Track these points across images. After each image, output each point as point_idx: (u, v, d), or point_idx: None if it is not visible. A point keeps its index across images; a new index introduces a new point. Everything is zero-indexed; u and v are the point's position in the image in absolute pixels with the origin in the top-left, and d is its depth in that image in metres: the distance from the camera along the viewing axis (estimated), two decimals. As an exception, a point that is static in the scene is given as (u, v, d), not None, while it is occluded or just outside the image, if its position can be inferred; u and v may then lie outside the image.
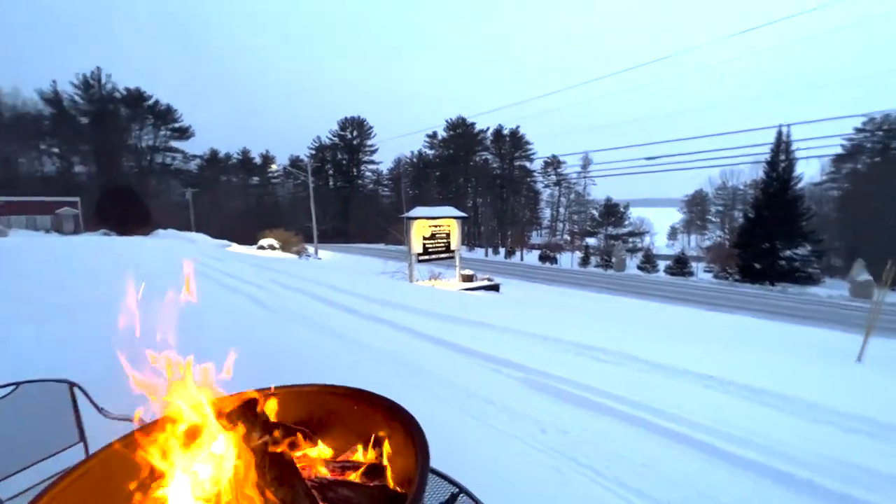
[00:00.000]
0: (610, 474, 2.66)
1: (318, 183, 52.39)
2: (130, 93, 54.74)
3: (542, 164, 67.59)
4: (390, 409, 1.26)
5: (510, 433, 3.15)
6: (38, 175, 50.30)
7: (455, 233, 18.33)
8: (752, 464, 2.79)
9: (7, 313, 6.14)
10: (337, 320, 6.63)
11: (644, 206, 71.46)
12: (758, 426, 3.23)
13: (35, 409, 2.19)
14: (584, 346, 5.18)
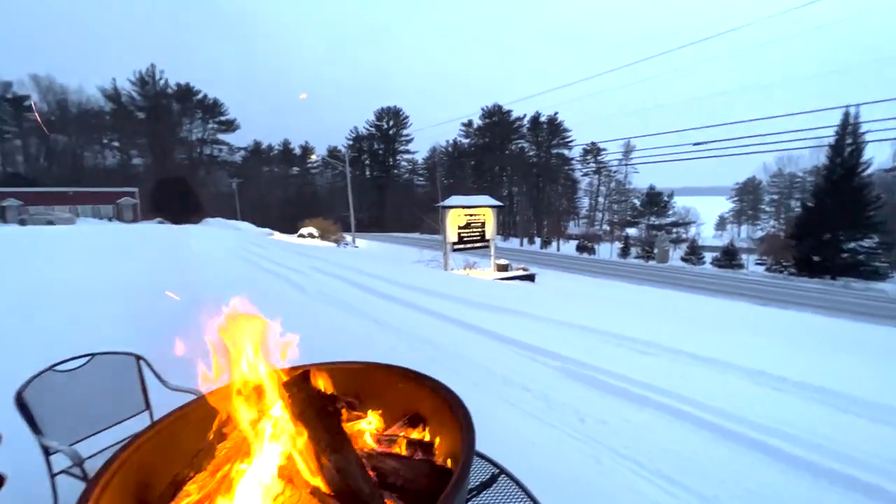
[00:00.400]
0: (652, 467, 2.59)
1: (354, 173, 53.39)
2: (181, 88, 57.63)
3: (581, 151, 65.66)
4: (434, 389, 1.28)
5: (547, 421, 3.13)
6: (101, 167, 54.18)
7: (490, 222, 18.20)
8: (808, 464, 2.63)
9: (85, 295, 6.71)
10: (374, 306, 6.78)
11: (690, 194, 68.02)
12: (816, 425, 3.04)
13: (107, 379, 2.39)
14: (625, 337, 5.03)
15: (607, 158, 64.24)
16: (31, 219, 30.62)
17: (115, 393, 2.42)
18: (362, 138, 73.20)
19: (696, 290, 19.36)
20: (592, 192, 68.74)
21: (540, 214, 63.32)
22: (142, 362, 2.51)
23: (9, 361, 3.22)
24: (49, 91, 50.63)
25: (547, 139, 64.54)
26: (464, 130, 69.89)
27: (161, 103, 55.99)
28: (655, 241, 40.53)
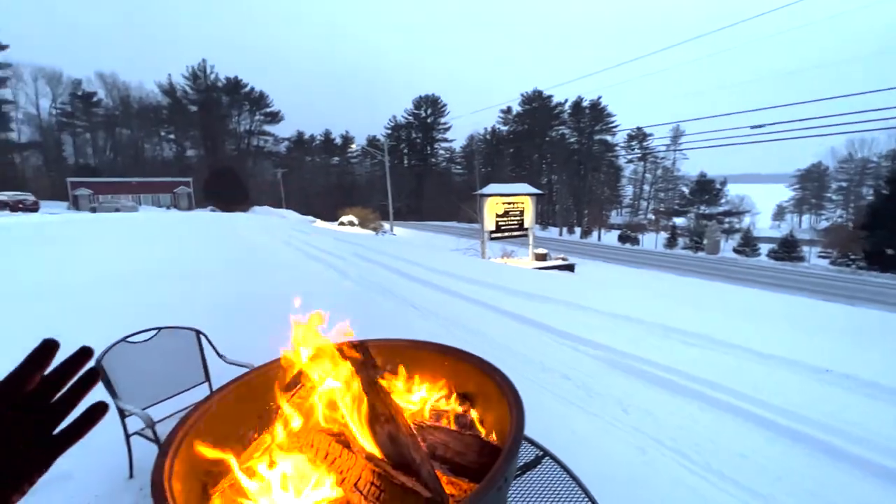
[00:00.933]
0: (700, 460, 2.50)
1: (393, 162, 54.00)
2: (230, 81, 60.11)
3: (626, 137, 62.85)
4: (481, 367, 1.28)
5: (589, 409, 3.08)
6: (160, 158, 57.84)
7: (529, 210, 17.91)
8: (878, 468, 2.44)
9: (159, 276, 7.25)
10: (412, 291, 6.88)
11: (745, 182, 63.72)
12: (887, 427, 2.80)
13: (172, 351, 2.58)
14: (671, 329, 4.84)
15: (654, 144, 61.23)
16: (100, 207, 33.29)
17: (178, 364, 2.61)
18: (400, 127, 73.67)
19: (750, 283, 18.24)
20: (637, 179, 65.90)
21: (580, 203, 61.45)
22: (201, 337, 2.69)
23: (94, 331, 3.54)
24: (113, 87, 54.40)
25: (589, 125, 62.21)
26: (502, 117, 68.72)
27: (211, 97, 58.73)
28: (705, 232, 38.43)
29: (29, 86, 48.91)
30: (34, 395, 0.42)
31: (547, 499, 1.43)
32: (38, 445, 0.41)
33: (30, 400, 0.41)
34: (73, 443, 0.44)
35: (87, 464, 2.37)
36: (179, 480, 0.89)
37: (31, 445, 0.40)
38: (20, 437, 0.40)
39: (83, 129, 53.60)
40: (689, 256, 32.53)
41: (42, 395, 0.42)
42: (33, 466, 0.40)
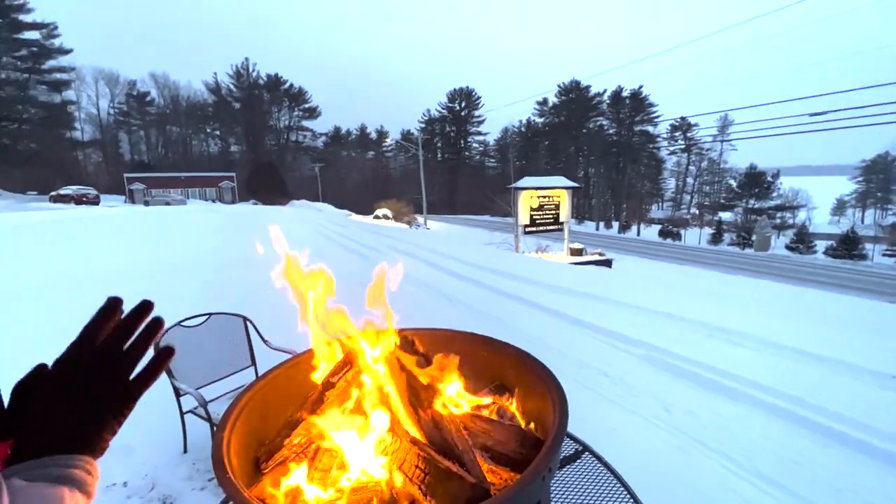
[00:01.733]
0: (747, 464, 2.39)
1: (427, 155, 54.26)
2: (270, 79, 62.15)
3: (668, 128, 60.06)
4: (521, 359, 1.28)
5: (628, 407, 3.00)
6: (206, 154, 60.78)
7: (565, 204, 17.53)
8: (952, 483, 2.25)
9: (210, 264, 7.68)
10: (445, 283, 6.91)
11: (800, 174, 59.52)
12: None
13: (221, 336, 2.72)
14: (717, 328, 4.62)
15: (699, 135, 58.22)
16: (152, 200, 35.40)
17: (227, 348, 2.75)
18: (434, 120, 73.76)
19: (804, 283, 17.11)
20: (680, 172, 63.02)
21: (619, 197, 59.46)
22: (248, 323, 2.83)
23: (163, 311, 3.79)
24: (165, 87, 57.50)
25: (629, 115, 59.84)
26: (538, 109, 67.33)
27: (253, 94, 60.96)
28: (754, 227, 36.32)
29: (90, 87, 52.50)
30: (108, 345, 0.46)
31: (587, 494, 1.41)
32: (119, 388, 0.45)
33: (104, 349, 0.46)
34: (148, 384, 0.48)
35: (147, 439, 2.55)
36: (235, 455, 0.94)
37: (111, 388, 0.45)
38: (100, 382, 0.44)
39: (137, 127, 57.09)
40: (735, 253, 30.89)
41: (115, 344, 0.46)
42: (117, 408, 0.45)
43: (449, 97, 71.71)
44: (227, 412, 1.05)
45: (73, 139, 49.10)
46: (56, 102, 42.18)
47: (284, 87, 63.22)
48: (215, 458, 0.87)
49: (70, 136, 48.03)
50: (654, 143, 60.42)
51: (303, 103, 65.02)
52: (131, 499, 2.15)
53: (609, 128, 62.24)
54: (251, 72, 60.93)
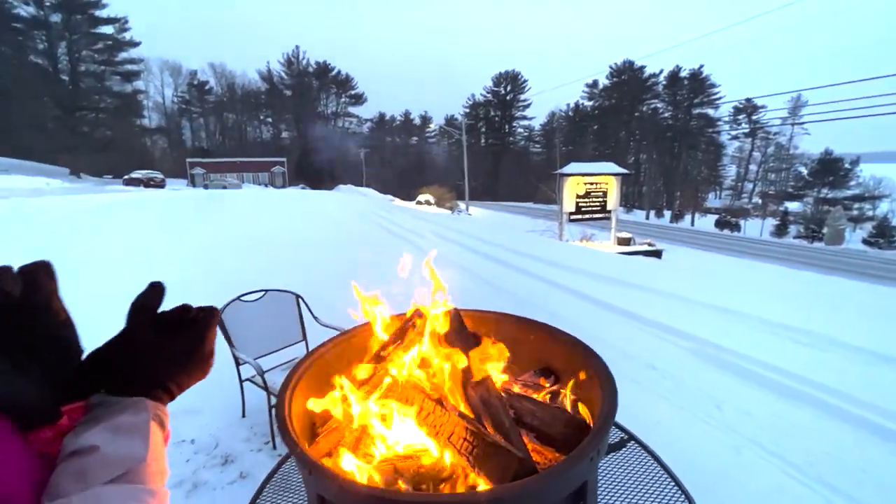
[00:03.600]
0: (809, 470, 2.24)
1: (470, 141, 53.70)
2: (319, 66, 63.67)
3: (731, 110, 55.65)
4: (570, 343, 1.26)
5: (676, 402, 2.90)
6: (259, 140, 63.65)
7: (613, 191, 16.84)
8: None
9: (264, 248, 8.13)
10: (487, 269, 6.90)
11: (885, 160, 53.42)
12: None
13: (276, 311, 2.88)
14: (778, 325, 4.32)
15: (766, 117, 53.53)
16: (211, 184, 37.66)
17: (281, 323, 2.91)
18: (479, 105, 72.76)
19: (882, 280, 15.54)
20: (742, 158, 58.59)
21: (672, 184, 56.17)
22: (300, 300, 2.97)
23: (221, 287, 4.09)
24: (222, 76, 60.50)
25: (687, 97, 55.96)
26: (587, 92, 64.59)
27: (303, 81, 62.79)
28: (827, 219, 33.24)
29: (156, 77, 56.28)
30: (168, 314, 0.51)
31: (632, 483, 1.39)
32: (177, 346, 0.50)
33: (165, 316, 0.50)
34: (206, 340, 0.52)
35: (210, 403, 2.78)
36: (295, 418, 1.01)
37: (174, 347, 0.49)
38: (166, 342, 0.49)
39: (198, 115, 60.65)
40: (802, 247, 28.52)
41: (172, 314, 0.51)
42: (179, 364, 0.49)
43: (494, 81, 70.32)
44: (288, 378, 1.12)
45: (142, 126, 52.94)
46: (128, 92, 45.49)
47: (332, 73, 64.57)
48: (279, 418, 0.93)
49: (139, 123, 51.81)
50: (714, 127, 56.25)
51: (349, 90, 66.22)
52: (198, 454, 2.36)
53: (664, 111, 58.62)
54: (301, 59, 62.68)
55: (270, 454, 2.36)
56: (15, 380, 0.41)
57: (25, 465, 0.39)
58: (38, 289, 0.44)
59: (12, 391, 0.40)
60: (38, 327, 0.44)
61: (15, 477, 0.37)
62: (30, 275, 0.43)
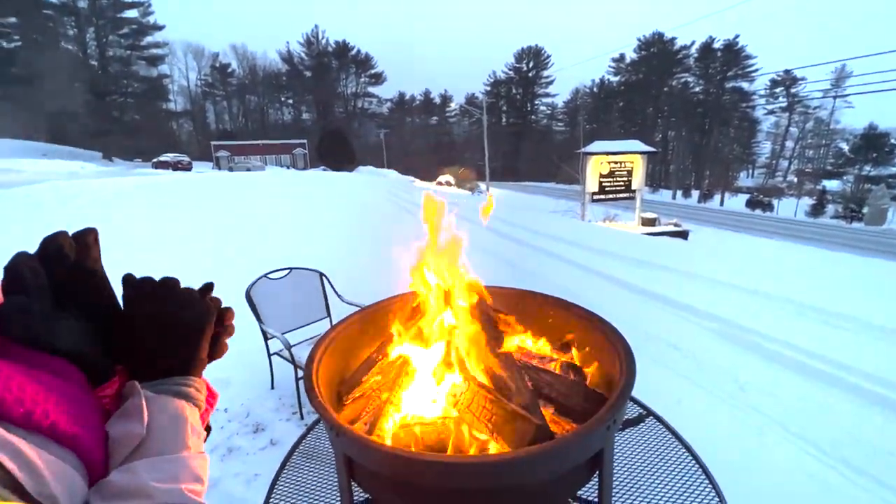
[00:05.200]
0: (834, 452, 2.21)
1: (491, 120, 52.74)
2: (339, 45, 63.18)
3: (767, 83, 52.59)
4: (588, 318, 1.27)
5: (698, 382, 2.88)
6: (280, 122, 64.20)
7: (638, 170, 16.34)
8: None
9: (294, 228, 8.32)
10: (507, 249, 6.88)
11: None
12: None
13: (301, 289, 2.97)
14: (809, 307, 4.19)
15: (805, 90, 50.44)
16: (235, 166, 38.38)
17: (305, 300, 3.01)
18: (500, 83, 71.09)
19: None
20: (778, 134, 55.73)
21: (701, 163, 53.98)
22: (324, 278, 3.05)
23: (248, 266, 4.23)
24: (244, 58, 60.81)
25: (720, 70, 53.04)
26: (613, 67, 62.10)
27: (323, 62, 62.54)
28: (868, 197, 31.49)
29: (180, 61, 57.01)
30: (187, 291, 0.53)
31: (650, 458, 1.41)
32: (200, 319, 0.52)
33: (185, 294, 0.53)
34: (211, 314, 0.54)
35: (241, 375, 2.92)
36: (322, 386, 1.06)
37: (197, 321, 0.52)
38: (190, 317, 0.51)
39: (221, 98, 61.41)
40: (839, 227, 27.22)
41: (187, 290, 0.53)
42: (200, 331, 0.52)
43: (516, 57, 68.38)
44: (314, 349, 1.17)
45: (168, 110, 54.04)
46: (154, 76, 46.39)
47: (352, 53, 64.05)
48: (307, 385, 0.98)
49: (166, 107, 52.89)
50: (749, 102, 53.40)
51: (369, 69, 65.64)
52: (231, 422, 2.50)
53: (695, 85, 55.92)
54: (320, 39, 62.30)
55: (298, 423, 2.47)
56: (83, 334, 0.44)
57: (99, 416, 0.43)
58: (88, 254, 0.47)
59: (82, 344, 0.43)
60: (92, 290, 0.47)
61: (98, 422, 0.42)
62: (81, 239, 0.46)
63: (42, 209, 8.05)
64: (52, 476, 0.33)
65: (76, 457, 0.38)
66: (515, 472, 0.77)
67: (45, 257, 0.43)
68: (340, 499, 1.04)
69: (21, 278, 0.40)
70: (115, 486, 0.39)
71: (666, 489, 1.27)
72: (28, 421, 0.34)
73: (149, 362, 0.49)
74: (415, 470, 0.77)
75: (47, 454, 0.34)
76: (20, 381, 0.35)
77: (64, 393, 0.39)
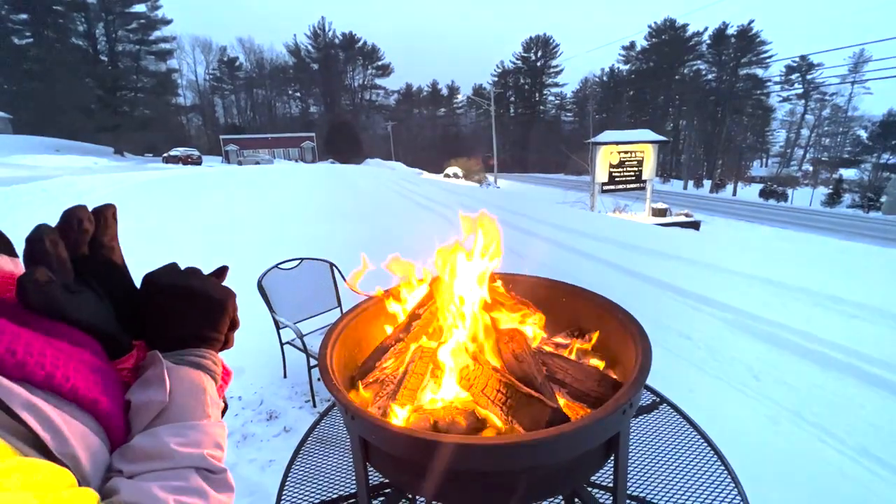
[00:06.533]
0: (851, 441, 2.19)
1: (499, 111, 52.30)
2: (345, 37, 62.89)
3: (783, 70, 51.29)
4: (604, 306, 1.26)
5: (710, 371, 2.85)
6: (288, 115, 64.30)
7: (649, 160, 16.11)
8: None
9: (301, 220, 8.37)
10: (515, 240, 6.85)
11: (959, 121, 48.18)
12: None
13: (312, 279, 2.99)
14: (825, 296, 4.12)
15: (822, 76, 49.05)
16: (244, 160, 38.61)
17: (317, 290, 3.02)
18: (508, 73, 70.32)
19: (947, 253, 14.37)
20: (793, 122, 54.48)
21: (713, 152, 52.96)
22: (334, 268, 3.07)
23: (259, 257, 4.27)
24: (251, 51, 60.86)
25: (734, 57, 51.74)
26: (623, 55, 61.03)
27: (330, 54, 62.35)
28: (887, 186, 30.75)
29: (188, 55, 57.25)
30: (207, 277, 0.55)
31: (665, 445, 1.40)
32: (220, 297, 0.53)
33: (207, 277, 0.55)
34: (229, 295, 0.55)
35: (254, 364, 2.95)
36: (337, 371, 1.07)
37: (217, 298, 0.53)
38: (210, 295, 0.52)
39: (229, 92, 61.65)
40: (856, 216, 26.63)
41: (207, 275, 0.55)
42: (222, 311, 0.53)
43: (524, 46, 67.52)
44: (327, 335, 1.18)
45: (177, 105, 54.39)
46: (163, 71, 46.59)
47: (358, 44, 63.73)
48: (322, 369, 0.99)
49: (175, 102, 53.22)
50: (763, 89, 52.12)
51: (376, 61, 65.34)
52: (245, 409, 2.54)
53: (707, 73, 54.71)
54: (327, 31, 62.07)
55: (311, 411, 2.50)
56: (102, 307, 0.45)
57: (118, 386, 0.43)
58: (107, 229, 0.47)
59: (100, 317, 0.44)
60: (110, 265, 0.48)
61: (118, 391, 0.43)
62: (100, 214, 0.47)
63: (58, 203, 8.18)
64: (73, 436, 0.34)
65: (96, 422, 0.39)
66: (532, 454, 0.77)
67: (66, 230, 0.43)
68: (356, 481, 1.05)
69: (42, 250, 0.41)
70: (139, 449, 0.39)
71: (680, 475, 1.27)
72: (50, 384, 0.35)
73: (170, 335, 0.50)
74: (430, 451, 0.77)
75: (68, 416, 0.35)
76: (40, 346, 0.36)
77: (83, 360, 0.39)
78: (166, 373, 0.44)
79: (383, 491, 1.30)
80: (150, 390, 0.43)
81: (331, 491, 1.30)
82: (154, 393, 0.43)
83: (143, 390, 0.43)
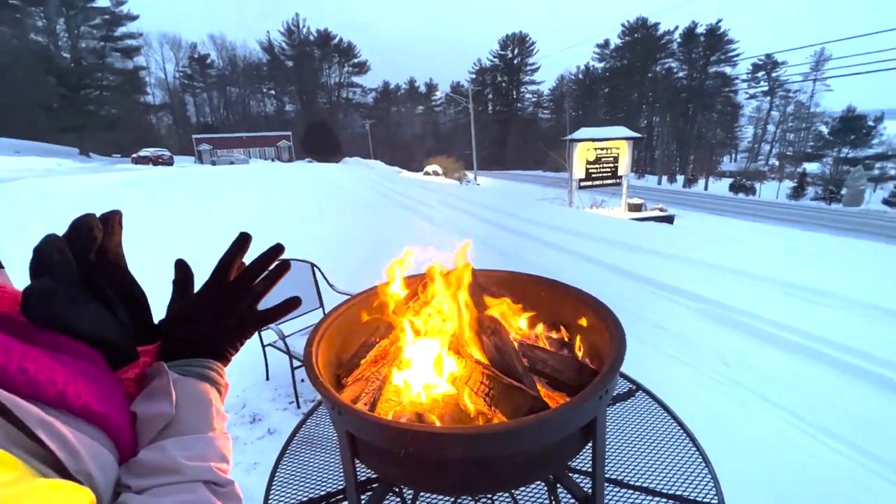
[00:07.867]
0: (813, 419, 2.32)
1: (477, 108, 52.40)
2: (321, 34, 61.92)
3: (750, 68, 53.14)
4: (580, 298, 1.31)
5: (683, 359, 2.97)
6: (263, 114, 62.94)
7: (624, 156, 16.49)
8: None
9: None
10: (496, 237, 6.93)
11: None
12: None
13: (293, 280, 2.97)
14: (790, 285, 4.33)
15: (786, 74, 51.04)
16: (218, 160, 37.60)
17: (298, 291, 3.00)
18: (485, 70, 70.58)
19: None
20: (759, 118, 56.52)
21: (685, 148, 54.57)
22: (315, 269, 3.06)
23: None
24: (223, 48, 59.27)
25: (703, 55, 53.43)
26: (598, 53, 62.05)
27: (305, 51, 61.27)
28: (846, 179, 32.27)
29: (157, 52, 55.35)
30: (241, 278, 0.56)
31: (640, 431, 1.46)
32: (246, 314, 0.56)
33: (239, 282, 0.56)
34: (270, 320, 0.59)
35: (235, 366, 2.88)
36: (322, 368, 1.08)
37: (241, 318, 0.55)
38: (231, 312, 0.54)
39: (201, 90, 59.91)
40: (819, 208, 27.91)
41: (247, 278, 0.56)
42: (242, 329, 0.55)
43: (501, 44, 67.87)
44: (312, 334, 1.19)
45: (146, 104, 52.55)
46: (129, 69, 44.94)
47: (334, 41, 62.86)
48: (308, 367, 1.00)
49: (143, 100, 51.41)
50: (731, 87, 53.93)
51: (352, 58, 64.62)
52: (228, 413, 2.51)
53: (678, 70, 56.25)
54: (301, 28, 60.99)
55: (295, 413, 2.49)
56: (107, 317, 0.44)
57: (124, 398, 0.43)
58: (113, 236, 0.48)
59: (104, 328, 0.44)
60: (117, 272, 0.48)
61: (124, 403, 0.42)
62: (107, 222, 0.47)
63: (19, 206, 7.83)
64: (87, 454, 0.34)
65: (106, 437, 0.38)
66: (516, 439, 0.81)
67: (75, 239, 0.43)
68: (344, 477, 1.07)
69: (49, 261, 0.41)
70: (146, 464, 0.39)
71: (656, 457, 1.33)
72: (62, 401, 0.35)
73: (189, 342, 0.50)
74: (417, 441, 0.80)
75: (80, 433, 0.35)
76: (49, 363, 0.35)
77: (91, 374, 0.39)
78: (172, 385, 0.44)
79: (371, 486, 1.32)
80: (157, 402, 0.43)
81: (318, 489, 1.31)
82: (160, 405, 0.43)
83: (149, 402, 0.43)
